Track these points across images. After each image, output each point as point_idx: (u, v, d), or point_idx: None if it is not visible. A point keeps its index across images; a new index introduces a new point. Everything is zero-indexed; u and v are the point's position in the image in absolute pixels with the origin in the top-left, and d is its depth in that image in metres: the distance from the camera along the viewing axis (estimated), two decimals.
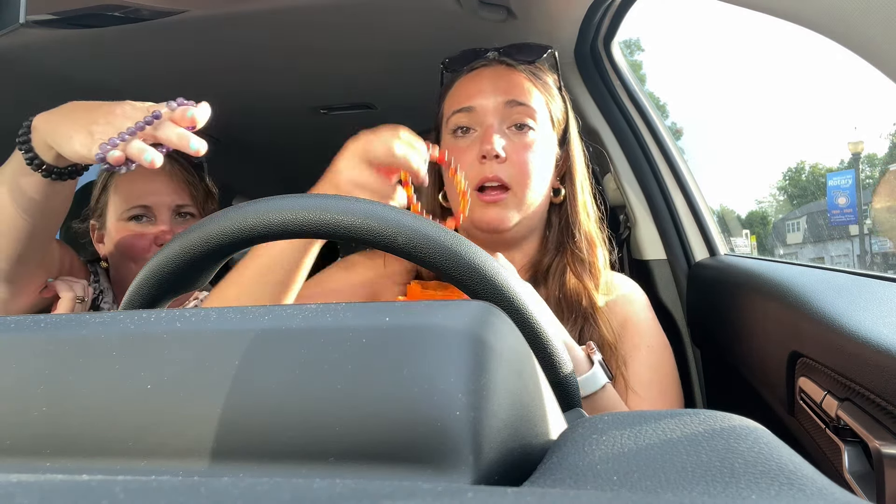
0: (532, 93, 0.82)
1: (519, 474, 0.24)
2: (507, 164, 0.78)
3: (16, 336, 0.29)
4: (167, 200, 1.02)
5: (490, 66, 0.84)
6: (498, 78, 0.82)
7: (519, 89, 0.81)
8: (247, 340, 0.26)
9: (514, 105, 0.80)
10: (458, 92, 0.84)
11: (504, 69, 0.83)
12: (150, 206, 1.01)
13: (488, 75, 0.83)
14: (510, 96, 0.80)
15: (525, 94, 0.81)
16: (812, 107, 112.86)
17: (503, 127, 0.80)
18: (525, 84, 0.82)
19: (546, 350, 0.41)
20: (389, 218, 0.41)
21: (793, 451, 0.23)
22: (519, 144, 0.79)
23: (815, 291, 0.66)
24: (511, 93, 0.80)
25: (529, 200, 0.80)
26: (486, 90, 0.81)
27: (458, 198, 0.73)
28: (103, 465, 0.25)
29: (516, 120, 0.80)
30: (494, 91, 0.80)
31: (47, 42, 1.12)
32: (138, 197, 1.01)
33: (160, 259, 0.44)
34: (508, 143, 0.79)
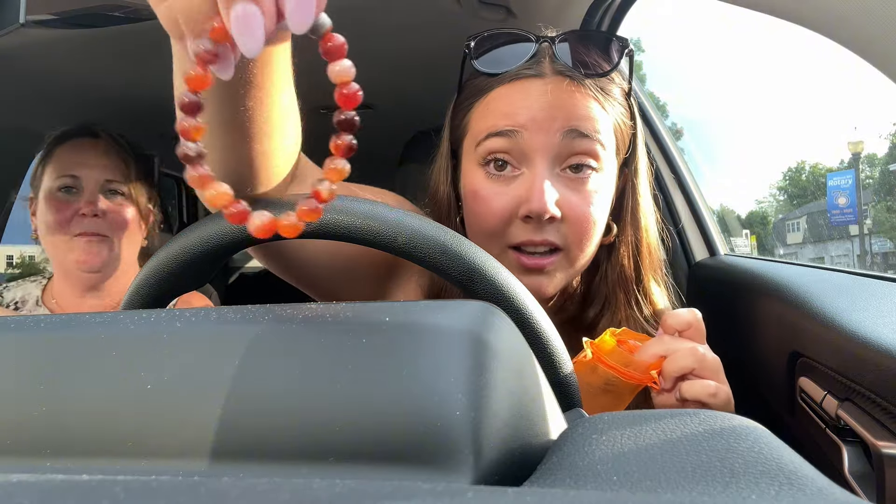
0: (601, 122, 0.60)
1: (519, 474, 0.24)
2: (560, 222, 0.59)
3: (16, 336, 0.29)
4: (95, 174, 1.03)
5: (543, 77, 0.60)
6: (557, 94, 0.59)
7: (586, 115, 0.59)
8: (247, 340, 0.26)
9: (576, 137, 0.58)
10: (499, 105, 0.61)
11: (564, 84, 0.59)
12: (79, 177, 1.02)
13: (543, 89, 0.59)
14: (573, 124, 0.58)
15: (593, 123, 0.59)
16: (812, 107, 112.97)
17: (556, 169, 0.59)
18: (594, 110, 0.60)
19: (546, 350, 0.41)
20: (390, 218, 0.41)
21: (793, 451, 0.23)
22: (578, 195, 0.59)
23: (815, 291, 0.66)
24: (575, 120, 0.59)
25: (582, 262, 0.62)
26: (536, 106, 0.58)
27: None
28: (103, 465, 0.25)
29: (575, 160, 0.59)
30: (550, 109, 0.58)
31: (47, 42, 1.12)
32: (68, 167, 1.02)
33: (160, 259, 0.44)
34: (563, 194, 0.59)
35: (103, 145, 1.05)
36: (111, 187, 1.05)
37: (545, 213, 0.57)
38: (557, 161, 0.59)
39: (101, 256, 1.02)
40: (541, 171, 0.58)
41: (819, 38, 0.52)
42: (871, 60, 0.48)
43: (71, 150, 1.04)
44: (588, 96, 0.60)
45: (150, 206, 1.14)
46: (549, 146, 0.59)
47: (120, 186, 1.05)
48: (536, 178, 0.58)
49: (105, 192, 1.04)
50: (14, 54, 1.16)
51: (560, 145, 0.59)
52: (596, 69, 0.60)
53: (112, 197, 1.05)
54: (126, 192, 1.06)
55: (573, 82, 0.60)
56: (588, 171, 0.60)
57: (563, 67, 0.60)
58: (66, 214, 1.01)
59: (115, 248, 1.05)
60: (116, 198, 1.05)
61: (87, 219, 1.01)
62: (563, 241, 0.60)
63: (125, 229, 1.05)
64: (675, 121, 6.77)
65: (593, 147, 0.59)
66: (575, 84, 0.60)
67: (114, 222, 1.04)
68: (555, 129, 0.58)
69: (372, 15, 1.10)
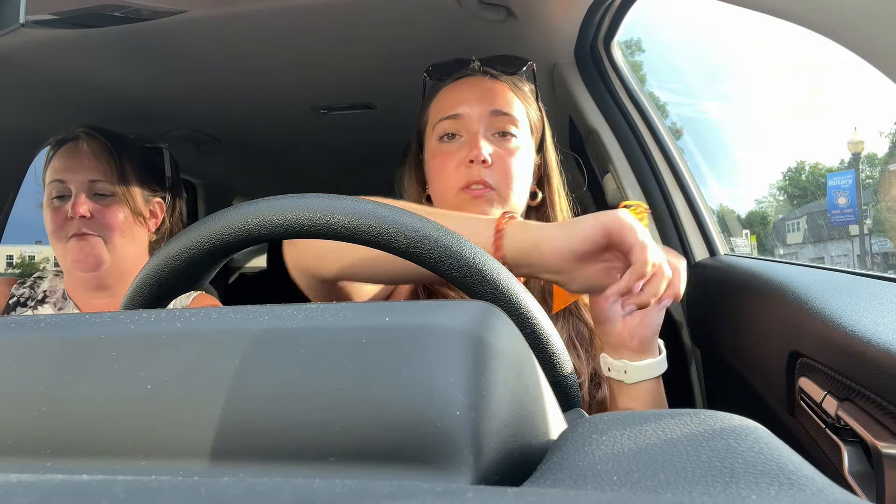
0: (514, 103, 0.87)
1: (519, 474, 0.24)
2: (492, 168, 0.82)
3: (16, 336, 0.29)
4: (80, 177, 1.04)
5: (474, 76, 0.88)
6: (482, 88, 0.86)
7: (502, 99, 0.86)
8: (247, 340, 0.26)
9: (498, 114, 0.84)
10: (445, 100, 0.88)
11: (488, 80, 0.88)
12: (66, 182, 1.04)
13: (475, 85, 0.87)
14: (494, 106, 0.84)
15: (508, 104, 0.86)
16: (812, 106, 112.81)
17: (488, 134, 0.84)
18: (508, 94, 0.87)
19: (546, 350, 0.41)
20: (390, 218, 0.41)
21: (793, 451, 0.23)
22: (503, 150, 0.84)
23: (815, 291, 0.66)
24: (495, 103, 0.85)
25: (512, 201, 0.84)
26: (471, 99, 0.85)
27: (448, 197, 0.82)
28: (103, 465, 0.25)
29: (500, 128, 0.85)
30: (480, 100, 0.85)
31: (47, 42, 1.12)
32: (57, 174, 1.05)
33: (160, 259, 0.44)
34: (493, 149, 0.83)
35: (86, 148, 1.05)
36: (97, 189, 1.06)
37: (481, 156, 0.81)
38: (488, 130, 0.84)
39: (95, 256, 1.03)
40: (479, 132, 0.84)
41: (819, 38, 0.52)
42: (871, 60, 0.48)
43: (59, 157, 1.07)
44: (505, 87, 0.87)
45: (157, 201, 1.14)
46: (481, 119, 0.84)
47: (106, 187, 1.06)
48: (475, 137, 0.83)
49: (92, 194, 1.05)
50: (14, 54, 1.16)
51: (489, 120, 0.84)
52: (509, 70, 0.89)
53: (99, 198, 1.06)
54: (113, 191, 1.06)
55: (493, 79, 0.88)
56: (510, 136, 0.85)
57: (486, 69, 0.89)
58: (60, 220, 1.03)
59: (112, 247, 1.05)
60: (104, 199, 1.06)
61: (76, 221, 1.02)
62: (495, 181, 0.82)
63: (116, 229, 1.06)
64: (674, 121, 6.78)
65: (513, 121, 0.85)
66: (495, 80, 0.88)
67: (103, 222, 1.05)
68: (484, 109, 0.84)
69: (372, 15, 1.10)
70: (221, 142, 1.85)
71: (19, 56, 1.17)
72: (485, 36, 1.18)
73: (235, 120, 1.67)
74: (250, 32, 1.14)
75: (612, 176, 1.25)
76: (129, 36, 1.11)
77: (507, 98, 0.86)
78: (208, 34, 1.14)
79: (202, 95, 1.47)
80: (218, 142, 1.84)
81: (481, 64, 0.89)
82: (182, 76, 1.35)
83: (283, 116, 1.65)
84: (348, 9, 1.07)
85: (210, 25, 1.10)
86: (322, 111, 1.58)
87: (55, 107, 1.43)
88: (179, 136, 1.73)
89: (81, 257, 1.02)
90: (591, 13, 1.08)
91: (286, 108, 1.59)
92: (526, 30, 1.15)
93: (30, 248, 26.25)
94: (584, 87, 1.24)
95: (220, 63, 1.28)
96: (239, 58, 1.26)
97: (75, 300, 1.10)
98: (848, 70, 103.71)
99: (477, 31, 1.15)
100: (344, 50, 1.22)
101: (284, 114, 1.63)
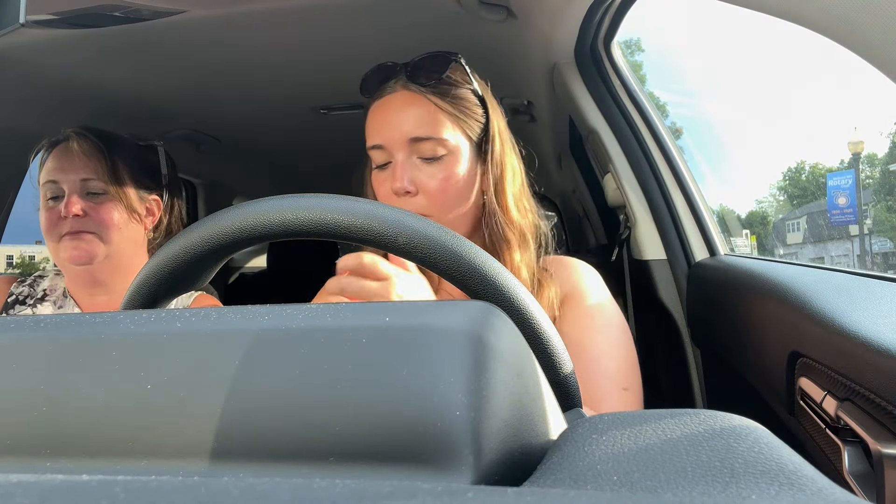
0: (438, 122, 0.79)
1: (519, 474, 0.24)
2: (420, 196, 0.79)
3: (16, 336, 0.29)
4: (72, 176, 1.05)
5: (395, 92, 0.81)
6: (400, 110, 0.80)
7: (422, 122, 0.79)
8: (247, 340, 0.26)
9: (419, 141, 0.78)
10: (370, 125, 0.83)
11: (407, 96, 0.80)
12: (58, 182, 1.05)
13: (392, 107, 0.80)
14: (413, 133, 0.78)
15: (429, 126, 0.79)
16: (812, 106, 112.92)
17: (412, 159, 0.79)
18: (429, 114, 0.79)
19: (546, 350, 0.41)
20: (390, 218, 0.41)
21: (793, 451, 0.23)
22: (431, 175, 0.79)
23: (815, 291, 0.66)
24: (413, 129, 0.78)
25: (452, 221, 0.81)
26: (391, 124, 0.79)
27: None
28: (103, 465, 0.25)
29: (423, 153, 0.79)
30: (396, 126, 0.79)
31: (47, 42, 1.12)
32: (50, 175, 1.06)
33: (160, 259, 0.44)
34: (420, 175, 0.79)
35: (77, 148, 1.06)
36: (89, 188, 1.06)
37: (403, 189, 0.78)
38: (412, 156, 0.79)
39: (89, 251, 1.04)
40: (400, 162, 0.79)
41: (819, 38, 0.52)
42: (871, 60, 0.48)
43: (52, 158, 1.07)
44: (426, 105, 0.79)
45: (154, 199, 1.14)
46: (402, 146, 0.79)
47: (98, 185, 1.06)
48: (396, 168, 0.79)
49: (85, 193, 1.05)
50: (14, 54, 1.16)
51: (410, 147, 0.79)
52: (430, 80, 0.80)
53: (92, 197, 1.06)
54: (106, 189, 1.06)
55: (414, 94, 0.80)
56: (436, 160, 0.79)
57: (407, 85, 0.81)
58: (54, 219, 1.04)
59: (107, 244, 1.06)
60: (97, 197, 1.06)
61: (69, 220, 1.03)
62: (426, 210, 0.79)
63: (111, 226, 1.06)
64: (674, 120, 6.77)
65: (437, 143, 0.79)
66: (417, 96, 0.80)
67: (97, 220, 1.05)
68: (403, 136, 0.79)
69: (372, 15, 1.10)
70: (221, 142, 1.85)
71: (19, 56, 1.17)
72: (485, 36, 1.18)
73: (235, 120, 1.67)
74: (250, 32, 1.14)
75: (612, 176, 1.25)
76: (129, 36, 1.11)
77: (427, 119, 0.79)
78: (208, 34, 1.14)
79: (202, 95, 1.47)
80: (218, 142, 1.84)
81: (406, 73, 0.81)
82: (182, 76, 1.35)
83: (283, 116, 1.65)
84: (348, 9, 1.07)
85: (210, 25, 1.10)
86: (322, 111, 1.58)
87: (55, 106, 1.43)
88: (179, 136, 1.73)
89: (75, 253, 1.03)
90: (591, 13, 1.08)
91: (286, 108, 1.59)
92: (526, 30, 1.15)
93: (30, 248, 26.24)
94: (584, 87, 1.24)
95: (220, 63, 1.28)
96: (239, 57, 1.26)
97: (76, 298, 1.11)
98: (847, 70, 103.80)
99: (477, 31, 1.15)
100: (344, 50, 1.22)
101: (284, 114, 1.63)
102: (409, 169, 0.79)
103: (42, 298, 1.11)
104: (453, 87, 0.81)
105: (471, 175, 0.82)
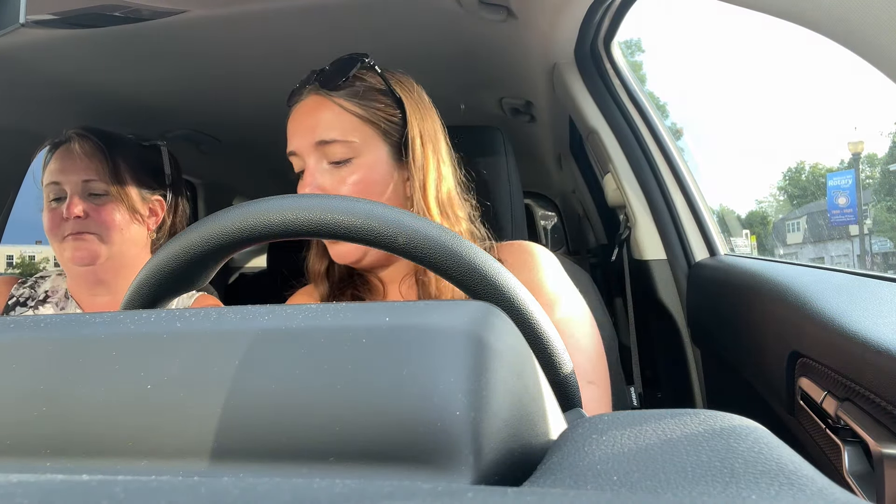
0: (344, 124, 0.77)
1: (519, 474, 0.24)
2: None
3: (16, 336, 0.29)
4: (73, 178, 1.05)
5: (304, 98, 0.80)
6: (308, 115, 0.79)
7: (329, 125, 0.77)
8: (247, 340, 0.26)
9: (324, 144, 0.77)
10: (288, 131, 0.81)
11: (315, 101, 0.79)
12: (60, 184, 1.05)
13: (302, 112, 0.80)
14: (318, 136, 0.77)
15: (335, 129, 0.77)
16: (812, 106, 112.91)
17: (322, 164, 0.78)
18: (336, 116, 0.77)
19: (546, 350, 0.41)
20: (390, 218, 0.41)
21: (793, 451, 0.23)
22: (341, 179, 0.77)
23: (815, 291, 0.66)
24: (319, 132, 0.77)
25: None
26: (300, 130, 0.79)
27: None
28: (103, 465, 0.25)
29: (332, 157, 0.77)
30: (305, 131, 0.78)
31: (47, 42, 1.12)
32: (52, 177, 1.06)
33: (160, 259, 0.44)
34: (330, 180, 0.77)
35: (78, 149, 1.06)
36: (91, 189, 1.06)
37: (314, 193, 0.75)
38: (321, 161, 0.78)
39: (91, 251, 1.04)
40: (309, 168, 0.78)
41: (819, 38, 0.52)
42: (871, 60, 0.48)
43: (54, 160, 1.07)
44: (331, 108, 0.78)
45: (157, 199, 1.14)
46: (311, 152, 0.78)
47: (99, 186, 1.06)
48: (307, 174, 0.78)
49: (87, 194, 1.06)
50: (14, 54, 1.16)
51: (318, 152, 0.78)
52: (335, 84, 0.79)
53: (94, 198, 1.06)
54: (107, 190, 1.06)
55: (322, 98, 0.79)
56: (346, 162, 0.77)
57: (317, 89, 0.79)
58: (57, 221, 1.04)
59: (109, 245, 1.06)
60: (99, 198, 1.06)
61: (71, 221, 1.03)
62: None
63: (113, 227, 1.06)
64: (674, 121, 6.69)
65: (344, 146, 0.77)
66: (324, 100, 0.78)
67: (99, 221, 1.05)
68: (310, 141, 0.78)
69: (372, 15, 1.10)
70: (221, 142, 1.85)
71: (19, 56, 1.17)
72: (485, 36, 1.18)
73: (235, 120, 1.67)
74: (250, 32, 1.14)
75: (612, 176, 1.25)
76: (129, 36, 1.11)
77: (333, 121, 0.77)
78: (208, 34, 1.14)
79: (202, 95, 1.47)
80: (218, 142, 1.84)
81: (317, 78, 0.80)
82: (182, 76, 1.35)
83: (284, 116, 1.65)
84: (348, 9, 1.07)
85: (210, 25, 1.10)
86: None
87: (55, 107, 1.43)
88: (179, 136, 1.73)
89: (77, 253, 1.03)
90: (591, 13, 1.08)
91: (287, 109, 1.59)
92: (526, 30, 1.15)
93: (30, 248, 26.25)
94: (583, 87, 1.24)
95: (220, 63, 1.28)
96: (239, 58, 1.26)
97: (77, 299, 1.11)
98: (847, 70, 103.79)
99: (477, 31, 1.15)
100: (344, 50, 1.22)
101: (284, 114, 1.63)
102: (318, 174, 0.77)
103: (44, 300, 1.11)
104: (363, 89, 0.79)
105: (389, 180, 0.79)
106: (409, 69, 1.30)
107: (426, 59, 1.30)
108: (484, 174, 1.01)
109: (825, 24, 0.51)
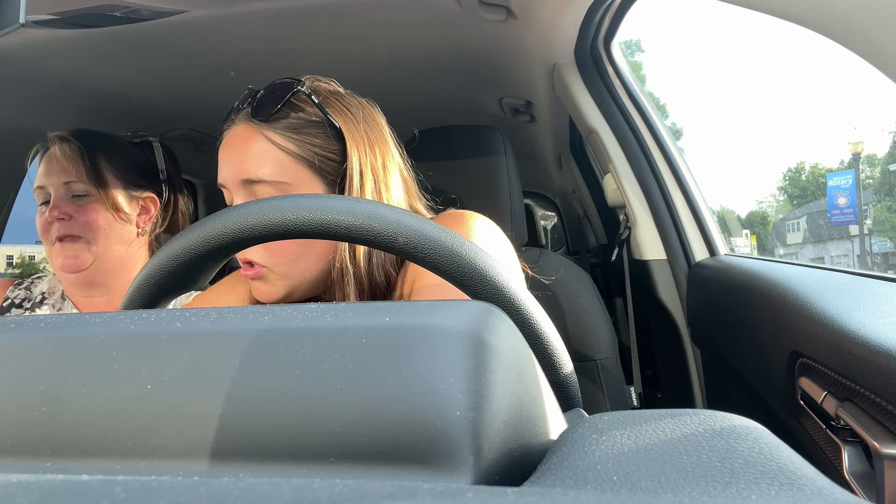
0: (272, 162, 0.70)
1: (519, 474, 0.24)
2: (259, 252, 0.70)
3: (16, 336, 0.29)
4: (55, 180, 1.06)
5: (235, 126, 0.73)
6: (236, 148, 0.71)
7: (256, 162, 0.69)
8: (247, 340, 0.26)
9: (252, 184, 0.70)
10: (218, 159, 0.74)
11: (245, 131, 0.71)
12: (44, 187, 1.06)
13: (230, 143, 0.72)
14: (245, 174, 0.70)
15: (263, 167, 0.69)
16: (812, 107, 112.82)
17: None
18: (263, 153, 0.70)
19: (546, 350, 0.41)
20: (390, 218, 0.41)
21: (793, 451, 0.23)
22: None
23: (816, 292, 0.66)
24: (246, 169, 0.70)
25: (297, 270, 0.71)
26: (226, 163, 0.72)
27: None
28: (103, 465, 0.25)
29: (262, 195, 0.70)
30: (232, 165, 0.71)
31: (47, 42, 1.12)
32: (38, 179, 1.07)
33: (160, 259, 0.44)
34: None
35: (58, 152, 1.06)
36: (72, 191, 1.06)
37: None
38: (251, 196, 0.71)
39: (79, 257, 1.04)
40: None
41: (819, 38, 0.52)
42: (871, 60, 0.48)
43: (41, 165, 1.08)
44: (263, 139, 0.70)
45: (148, 196, 1.12)
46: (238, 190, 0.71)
47: (80, 187, 1.06)
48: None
49: (70, 196, 1.06)
50: (14, 54, 1.16)
51: (246, 189, 0.71)
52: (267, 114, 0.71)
53: (77, 199, 1.06)
54: (88, 191, 1.06)
55: (252, 129, 0.71)
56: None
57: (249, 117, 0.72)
58: (45, 225, 1.05)
59: (95, 247, 1.05)
60: (81, 199, 1.06)
61: (56, 223, 1.03)
62: (262, 259, 0.70)
63: (96, 228, 1.06)
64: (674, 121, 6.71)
65: (271, 189, 0.70)
66: (253, 130, 0.71)
67: (82, 222, 1.05)
68: (236, 178, 0.70)
69: (372, 15, 1.10)
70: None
71: (19, 56, 1.17)
72: (485, 36, 1.18)
73: None
74: (250, 32, 1.14)
75: (612, 176, 1.25)
76: (129, 36, 1.11)
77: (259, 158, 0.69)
78: (208, 34, 1.14)
79: (202, 95, 1.47)
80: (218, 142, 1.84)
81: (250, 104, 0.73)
82: (182, 76, 1.35)
83: None
84: (348, 9, 1.07)
85: (209, 25, 1.10)
86: None
87: (55, 107, 1.43)
88: (179, 136, 1.73)
89: (67, 261, 1.03)
90: (591, 13, 1.08)
91: None
92: (526, 30, 1.15)
93: (30, 248, 26.26)
94: (583, 87, 1.25)
95: (220, 63, 1.28)
96: (239, 58, 1.26)
97: (73, 300, 1.11)
98: (847, 70, 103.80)
99: (477, 31, 1.15)
100: (344, 50, 1.22)
101: None
102: None
103: (40, 302, 1.11)
104: (297, 122, 0.71)
105: None
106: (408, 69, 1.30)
107: (426, 59, 1.30)
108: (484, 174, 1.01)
109: (825, 24, 0.51)
